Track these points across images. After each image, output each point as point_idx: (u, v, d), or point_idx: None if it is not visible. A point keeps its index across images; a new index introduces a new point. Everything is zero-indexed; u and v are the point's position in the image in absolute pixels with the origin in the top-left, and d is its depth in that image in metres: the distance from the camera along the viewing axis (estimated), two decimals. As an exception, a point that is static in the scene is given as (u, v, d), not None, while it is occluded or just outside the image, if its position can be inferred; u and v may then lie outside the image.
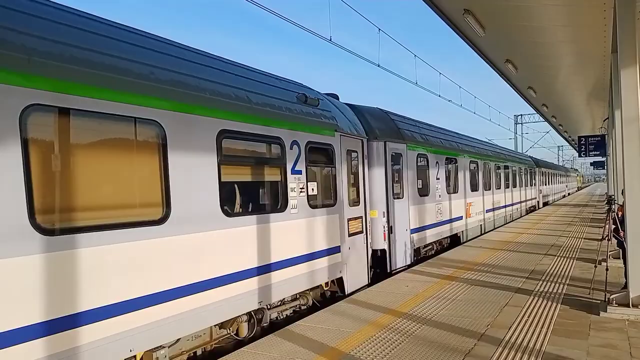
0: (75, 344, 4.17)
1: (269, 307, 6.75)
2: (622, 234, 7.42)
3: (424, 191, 12.09)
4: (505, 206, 21.34)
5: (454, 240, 14.71)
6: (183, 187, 5.32)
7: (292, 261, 7.07)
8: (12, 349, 3.72)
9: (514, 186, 23.45)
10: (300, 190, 7.31)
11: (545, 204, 34.99)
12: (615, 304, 6.41)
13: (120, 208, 4.83)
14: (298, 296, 7.53)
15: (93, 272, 4.37)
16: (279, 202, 6.95)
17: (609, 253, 8.58)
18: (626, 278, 6.77)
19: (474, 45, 11.34)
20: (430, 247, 12.92)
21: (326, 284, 8.14)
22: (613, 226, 8.00)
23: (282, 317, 7.24)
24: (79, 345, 4.20)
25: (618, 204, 8.35)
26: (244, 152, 6.60)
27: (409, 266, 10.58)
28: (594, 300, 7.05)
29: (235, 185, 6.50)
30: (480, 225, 17.41)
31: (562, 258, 10.87)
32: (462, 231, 15.26)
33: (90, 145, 4.65)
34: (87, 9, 5.13)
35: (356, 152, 9.15)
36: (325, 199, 8.11)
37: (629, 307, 6.28)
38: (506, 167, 21.74)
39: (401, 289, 8.32)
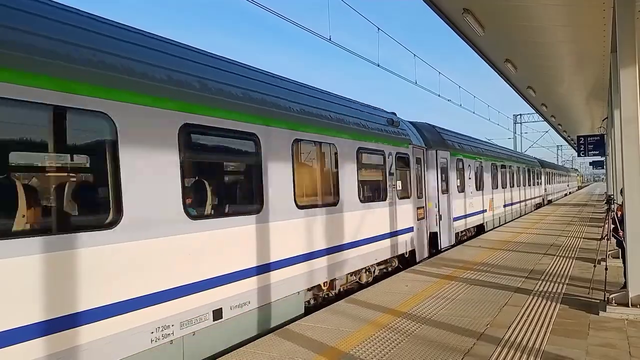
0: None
1: (376, 264, 10.02)
2: (621, 234, 7.42)
3: (461, 188, 15.18)
4: (519, 202, 24.94)
5: (480, 229, 17.62)
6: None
7: (390, 234, 10.32)
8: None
9: (525, 185, 27.03)
10: (392, 186, 10.39)
11: (549, 201, 38.05)
12: (615, 303, 6.41)
13: None
14: (389, 260, 10.64)
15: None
16: (382, 194, 10.07)
17: (608, 252, 8.60)
18: (625, 277, 6.77)
19: (473, 44, 11.34)
20: (464, 233, 15.80)
21: (404, 254, 11.15)
22: (612, 226, 8.01)
23: (380, 273, 10.34)
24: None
25: (617, 204, 8.36)
26: (369, 162, 9.77)
27: (452, 246, 13.59)
28: (593, 300, 7.06)
29: (365, 184, 9.61)
30: (500, 217, 20.45)
31: (562, 258, 10.88)
32: (487, 222, 18.38)
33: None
34: (87, 9, 5.09)
35: (420, 158, 12.19)
36: (404, 192, 11.10)
37: (628, 306, 6.29)
38: (518, 169, 24.99)
39: (401, 288, 8.33)
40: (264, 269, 6.51)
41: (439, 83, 19.71)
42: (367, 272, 9.67)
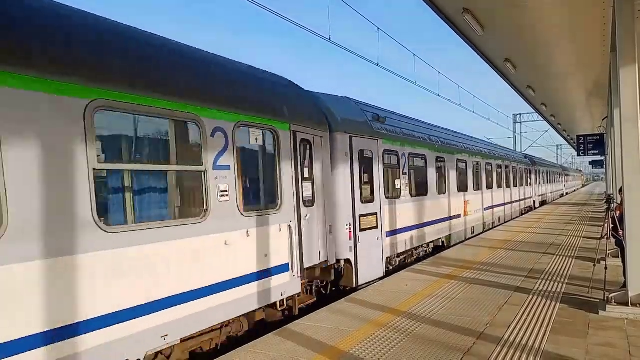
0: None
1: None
2: (621, 233, 7.43)
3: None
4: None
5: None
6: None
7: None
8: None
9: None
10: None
11: (562, 195, 46.82)
12: (614, 302, 6.42)
13: None
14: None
15: None
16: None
17: (608, 252, 8.60)
18: (625, 277, 6.78)
19: (473, 44, 11.33)
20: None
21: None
22: (612, 225, 8.01)
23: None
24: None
25: (617, 203, 8.36)
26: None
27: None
28: (593, 299, 7.07)
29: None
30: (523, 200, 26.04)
31: (561, 257, 10.89)
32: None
33: None
34: (87, 8, 5.09)
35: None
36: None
37: (627, 306, 6.29)
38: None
39: (400, 287, 8.33)
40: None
41: (439, 83, 19.75)
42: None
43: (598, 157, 31.17)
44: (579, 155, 22.43)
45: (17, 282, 3.73)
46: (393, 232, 10.47)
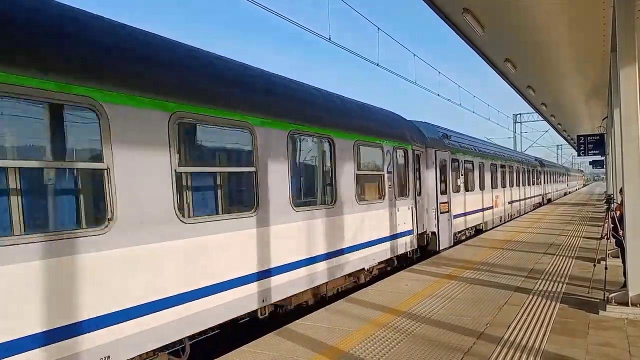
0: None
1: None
2: (621, 233, 7.43)
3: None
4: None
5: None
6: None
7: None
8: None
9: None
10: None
11: (565, 193, 51.46)
12: (614, 302, 6.42)
13: None
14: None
15: None
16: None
17: (608, 252, 8.60)
18: (625, 277, 6.78)
19: (473, 44, 11.33)
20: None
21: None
22: (612, 225, 8.01)
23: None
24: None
25: (617, 203, 8.36)
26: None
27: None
28: (593, 299, 7.07)
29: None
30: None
31: (561, 257, 10.89)
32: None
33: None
34: (88, 8, 5.18)
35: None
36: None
37: (628, 305, 6.30)
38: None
39: (400, 287, 8.33)
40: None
41: (439, 83, 19.76)
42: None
43: (598, 157, 31.16)
44: (579, 155, 22.42)
45: (129, 262, 4.69)
46: (456, 216, 14.64)
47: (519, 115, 51.22)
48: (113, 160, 4.57)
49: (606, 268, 7.41)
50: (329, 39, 10.64)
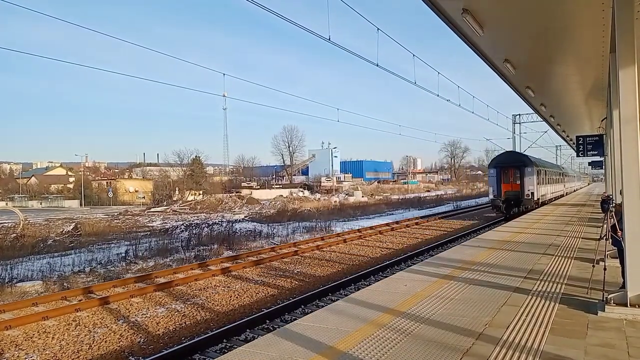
0: None
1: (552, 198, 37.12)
2: (619, 234, 7.43)
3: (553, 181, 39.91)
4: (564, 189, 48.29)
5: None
6: None
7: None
8: None
9: (563, 182, 49.18)
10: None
11: (575, 190, 64.09)
12: (613, 303, 6.42)
13: None
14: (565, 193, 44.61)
15: None
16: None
17: (607, 252, 8.60)
18: (623, 277, 6.78)
19: (472, 45, 11.34)
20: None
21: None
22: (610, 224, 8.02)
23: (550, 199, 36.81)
24: None
25: (615, 202, 8.35)
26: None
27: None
28: (591, 300, 7.07)
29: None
30: (562, 193, 45.42)
31: (560, 257, 10.89)
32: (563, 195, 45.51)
33: None
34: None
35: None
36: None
37: (626, 306, 6.30)
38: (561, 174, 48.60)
39: (399, 288, 8.33)
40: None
41: (438, 83, 19.79)
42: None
43: (597, 158, 31.21)
44: (578, 155, 22.42)
45: None
46: (543, 195, 32.72)
47: (518, 116, 51.24)
48: None
49: (605, 269, 7.40)
50: (329, 39, 10.65)
